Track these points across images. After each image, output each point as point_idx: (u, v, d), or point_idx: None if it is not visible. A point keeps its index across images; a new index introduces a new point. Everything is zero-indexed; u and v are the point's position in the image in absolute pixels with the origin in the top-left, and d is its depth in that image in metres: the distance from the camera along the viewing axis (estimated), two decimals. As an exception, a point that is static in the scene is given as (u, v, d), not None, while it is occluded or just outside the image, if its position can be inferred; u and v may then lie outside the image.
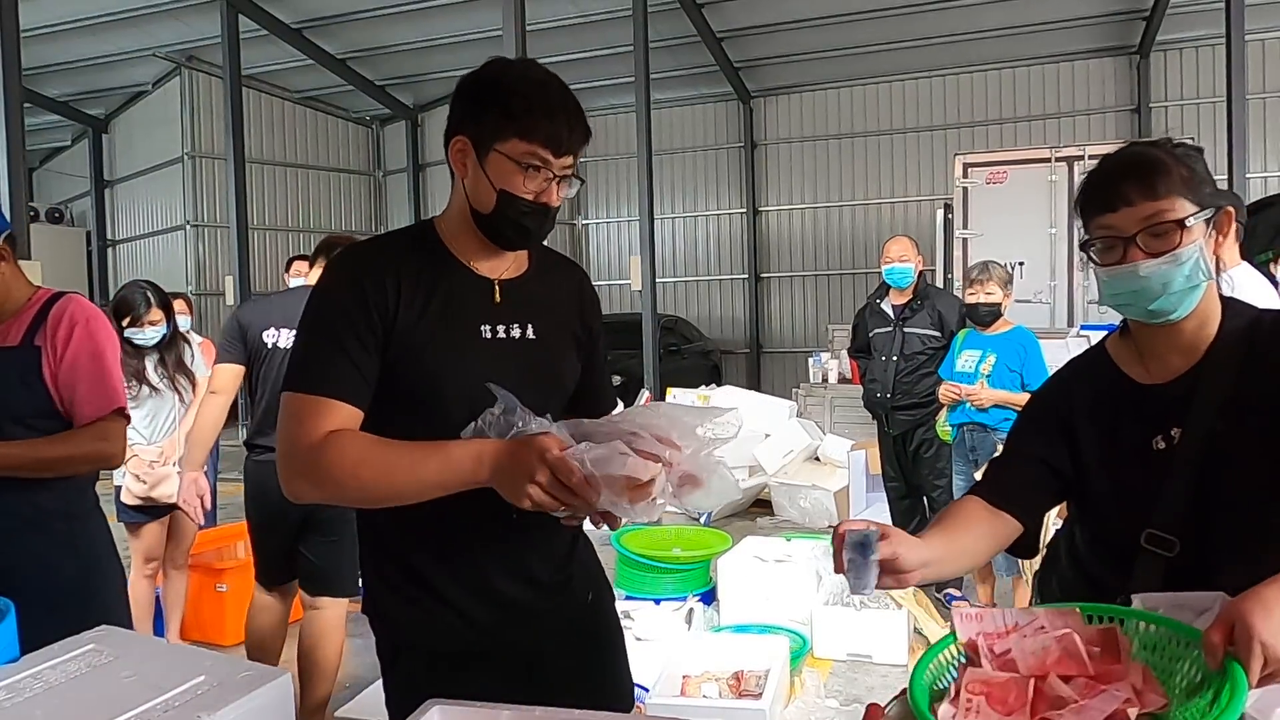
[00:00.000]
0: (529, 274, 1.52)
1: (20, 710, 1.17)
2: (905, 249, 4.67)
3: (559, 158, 1.39)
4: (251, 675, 1.25)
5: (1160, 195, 1.25)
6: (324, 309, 1.39)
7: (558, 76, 1.42)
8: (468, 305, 1.43)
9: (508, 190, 1.38)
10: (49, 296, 2.08)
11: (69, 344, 2.01)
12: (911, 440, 4.72)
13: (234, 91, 11.86)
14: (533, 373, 1.44)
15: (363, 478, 1.29)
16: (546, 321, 1.49)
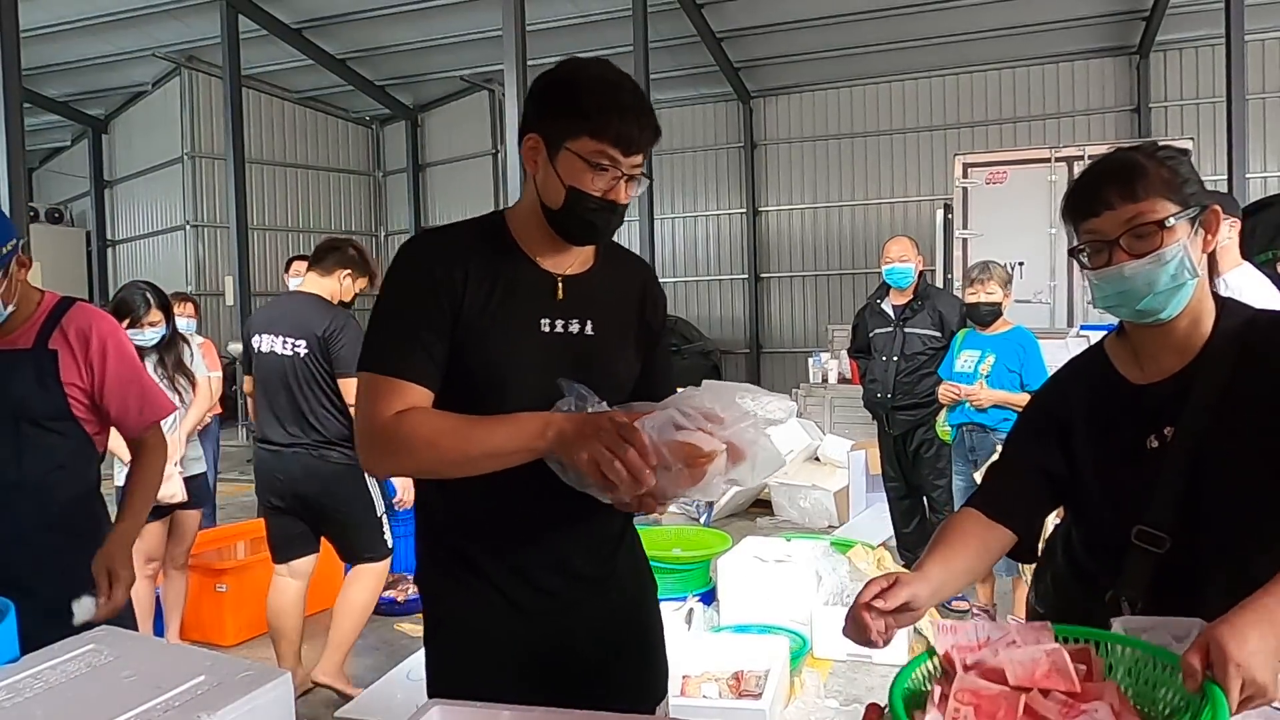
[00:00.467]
0: (593, 270, 1.54)
1: (20, 710, 1.17)
2: (905, 249, 4.66)
3: (628, 156, 1.41)
4: (251, 675, 1.25)
5: (1140, 198, 1.27)
6: (397, 293, 1.45)
7: (630, 78, 1.44)
8: (530, 298, 1.46)
9: (577, 187, 1.41)
10: (56, 300, 2.09)
11: (107, 359, 2.05)
12: (912, 440, 4.72)
13: (234, 91, 11.87)
14: (588, 368, 1.45)
15: (438, 447, 1.35)
16: (606, 318, 1.51)
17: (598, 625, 1.54)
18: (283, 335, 3.44)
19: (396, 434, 1.36)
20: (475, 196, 15.22)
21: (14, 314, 2.01)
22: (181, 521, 4.01)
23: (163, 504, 3.85)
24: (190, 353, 4.12)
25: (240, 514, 6.54)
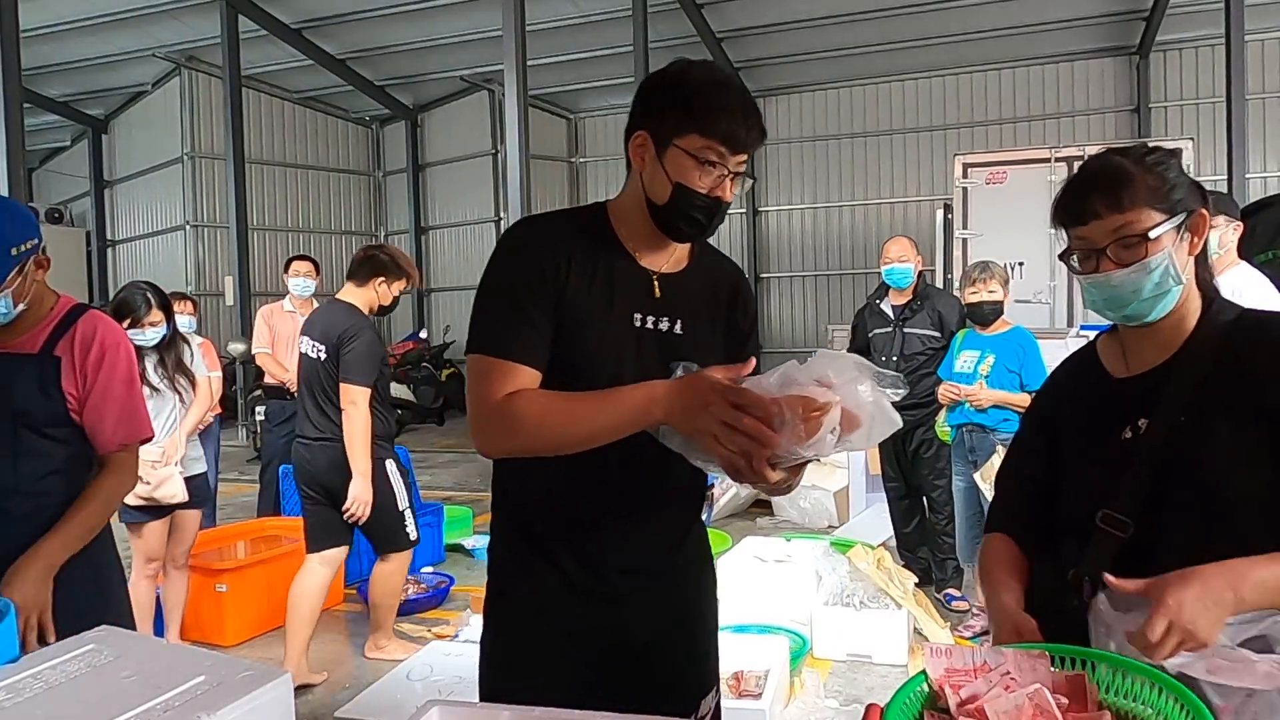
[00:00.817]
0: (687, 270, 1.58)
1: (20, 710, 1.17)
2: (905, 249, 4.67)
3: (734, 154, 1.44)
4: (251, 675, 1.25)
5: (1126, 208, 1.30)
6: (506, 275, 1.48)
7: (738, 77, 1.47)
8: (627, 293, 1.50)
9: (684, 184, 1.44)
10: (70, 307, 2.08)
11: (101, 368, 2.02)
12: (911, 440, 4.73)
13: (234, 91, 11.86)
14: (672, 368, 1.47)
15: (549, 425, 1.38)
16: (697, 318, 1.55)
17: (653, 614, 1.58)
18: (313, 339, 3.77)
19: (508, 414, 1.39)
20: (475, 196, 15.21)
21: (26, 316, 1.99)
22: (182, 521, 4.02)
23: (163, 504, 3.85)
24: (190, 353, 4.12)
25: (240, 514, 6.54)
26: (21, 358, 1.98)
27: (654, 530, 1.57)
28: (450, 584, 4.98)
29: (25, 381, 1.96)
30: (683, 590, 1.64)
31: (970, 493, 4.11)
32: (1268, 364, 1.28)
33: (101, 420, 2.03)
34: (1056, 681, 1.16)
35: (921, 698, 1.18)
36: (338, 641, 4.41)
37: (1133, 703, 1.14)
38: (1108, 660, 1.18)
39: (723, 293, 1.62)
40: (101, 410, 2.02)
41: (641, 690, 1.53)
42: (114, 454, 2.06)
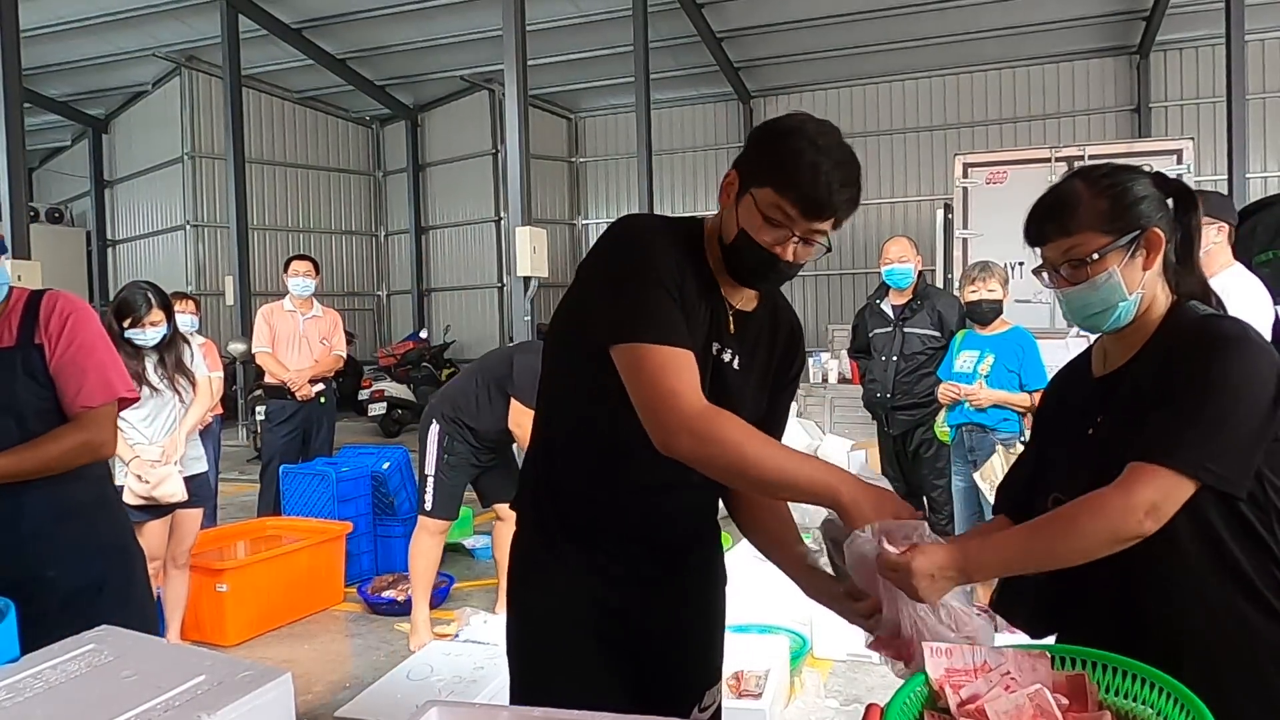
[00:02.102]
0: (756, 310, 1.62)
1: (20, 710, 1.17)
2: (904, 250, 4.67)
3: (808, 219, 1.43)
4: (251, 675, 1.25)
5: (1072, 232, 1.40)
6: (647, 262, 1.45)
7: (849, 150, 1.44)
8: (710, 319, 1.54)
9: (747, 231, 1.46)
10: (29, 295, 2.06)
11: (62, 336, 2.00)
12: (911, 440, 4.72)
13: (234, 91, 11.86)
14: (727, 398, 1.50)
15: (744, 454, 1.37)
16: (753, 358, 1.60)
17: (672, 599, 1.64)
18: None
19: (713, 425, 1.37)
20: (475, 196, 15.22)
21: None
22: (182, 521, 4.01)
23: (163, 503, 3.85)
24: (191, 353, 4.12)
25: (240, 514, 6.54)
26: (1, 352, 1.97)
27: (676, 519, 1.63)
28: (450, 584, 4.98)
29: (12, 374, 1.96)
30: (698, 579, 1.71)
31: (969, 493, 4.11)
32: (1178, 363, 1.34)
33: (67, 384, 2.00)
34: (1057, 681, 1.16)
35: (921, 698, 1.18)
36: (337, 641, 4.42)
37: (1133, 703, 1.14)
38: (1108, 660, 1.18)
39: (781, 338, 1.66)
40: (67, 372, 2.00)
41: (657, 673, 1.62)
42: (83, 410, 2.01)
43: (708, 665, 1.74)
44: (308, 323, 5.90)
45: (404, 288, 16.72)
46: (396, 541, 5.31)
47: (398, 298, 17.00)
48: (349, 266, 16.57)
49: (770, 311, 1.65)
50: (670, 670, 1.64)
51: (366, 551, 5.27)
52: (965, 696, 1.15)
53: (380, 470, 5.34)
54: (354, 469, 5.31)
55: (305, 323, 5.89)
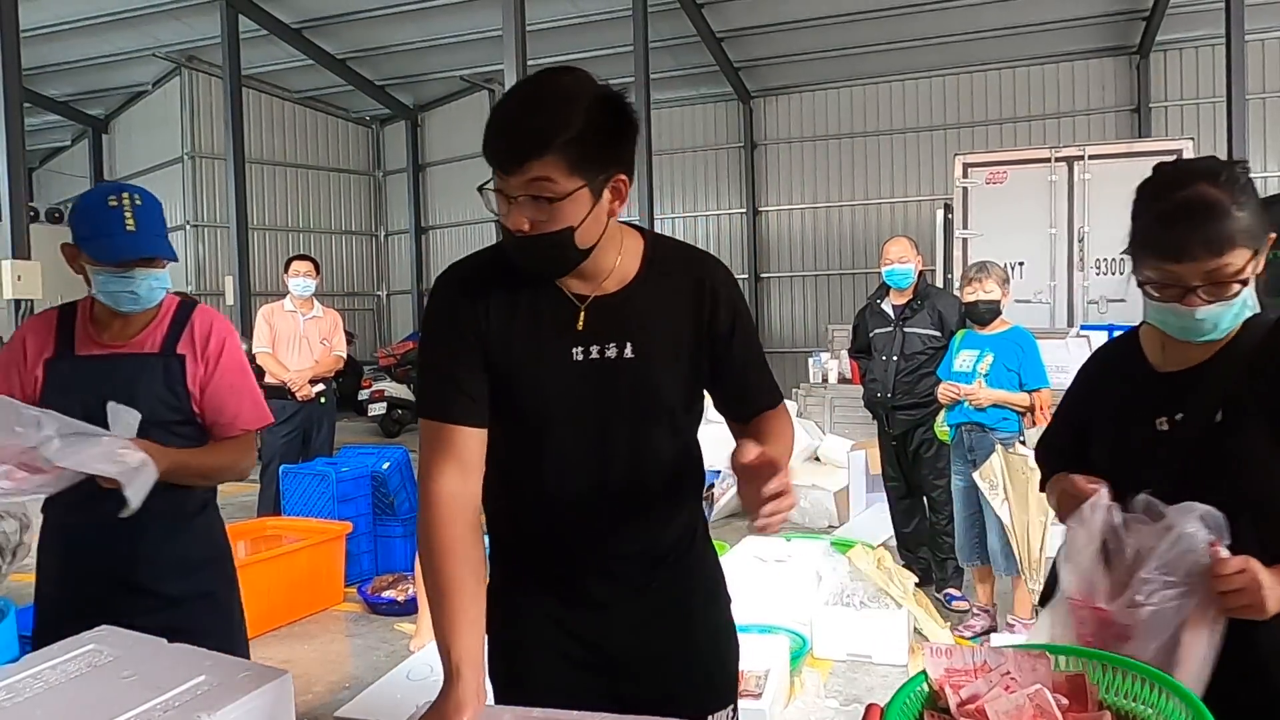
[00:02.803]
0: (632, 287, 1.44)
1: (20, 710, 1.17)
2: (905, 250, 4.67)
3: (507, 175, 1.27)
4: (251, 675, 1.25)
5: (1224, 251, 1.28)
6: (429, 336, 1.46)
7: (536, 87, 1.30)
8: (555, 326, 1.41)
9: (500, 219, 1.33)
10: (178, 304, 2.06)
11: (222, 357, 2.02)
12: (911, 440, 4.72)
13: (234, 91, 11.86)
14: (631, 393, 1.42)
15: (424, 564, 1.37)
16: (647, 336, 1.42)
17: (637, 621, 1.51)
18: None
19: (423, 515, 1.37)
20: (475, 197, 15.02)
21: (142, 318, 1.99)
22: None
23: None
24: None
25: (240, 514, 6.54)
26: (144, 358, 1.97)
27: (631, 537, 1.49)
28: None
29: (152, 381, 1.95)
30: (674, 598, 1.54)
31: (969, 492, 4.11)
32: None
33: (224, 407, 2.02)
34: (1057, 681, 1.16)
35: (921, 698, 1.18)
36: (337, 641, 4.42)
37: (1133, 703, 1.14)
38: (1108, 660, 1.18)
39: (682, 300, 1.45)
40: (224, 398, 2.02)
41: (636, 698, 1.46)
42: (242, 433, 2.06)
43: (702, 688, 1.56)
44: (308, 323, 5.90)
45: (404, 288, 16.73)
46: (396, 541, 5.31)
47: (398, 298, 17.00)
48: (349, 266, 16.58)
49: (660, 276, 1.45)
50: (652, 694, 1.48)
51: (366, 551, 5.27)
52: (965, 696, 1.15)
53: (380, 470, 5.34)
54: (354, 469, 5.31)
55: (305, 323, 5.89)
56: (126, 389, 1.92)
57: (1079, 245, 8.54)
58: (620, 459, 1.44)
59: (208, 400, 2.00)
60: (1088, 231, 8.50)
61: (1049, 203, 8.67)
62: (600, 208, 1.33)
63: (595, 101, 1.28)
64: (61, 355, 1.96)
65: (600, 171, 1.30)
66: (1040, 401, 3.99)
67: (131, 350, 1.97)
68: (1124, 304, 7.76)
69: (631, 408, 1.42)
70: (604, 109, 1.28)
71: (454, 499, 1.37)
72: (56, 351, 1.96)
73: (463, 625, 1.31)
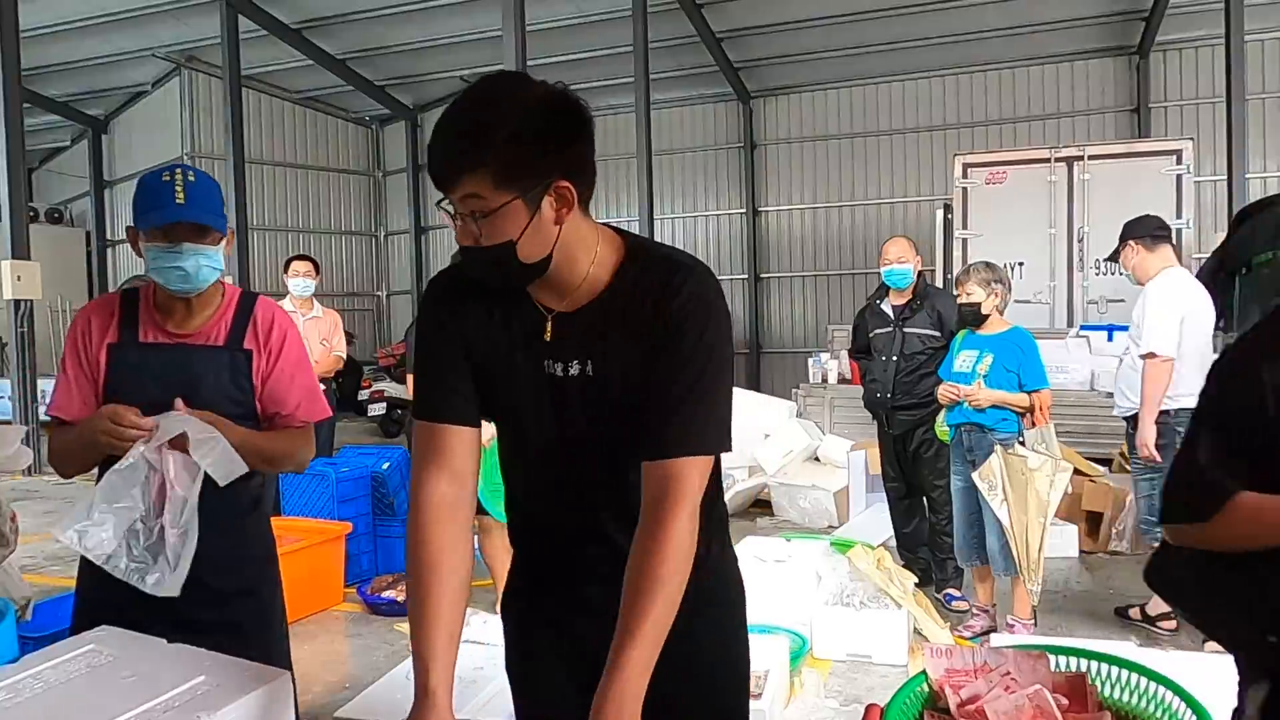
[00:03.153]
0: (595, 304, 1.36)
1: (20, 710, 1.17)
2: (903, 250, 4.67)
3: (448, 190, 1.24)
4: (251, 675, 1.25)
5: None
6: (419, 339, 1.46)
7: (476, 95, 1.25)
8: (527, 338, 1.38)
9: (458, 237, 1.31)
10: (240, 295, 2.06)
11: (284, 349, 2.02)
12: (911, 440, 4.72)
13: (234, 91, 11.86)
14: (599, 415, 1.36)
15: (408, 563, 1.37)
16: (606, 354, 1.35)
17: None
18: None
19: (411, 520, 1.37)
20: (475, 196, 15.20)
21: (206, 301, 1.98)
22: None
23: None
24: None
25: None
26: (211, 350, 1.96)
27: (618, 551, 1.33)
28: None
29: (217, 374, 1.94)
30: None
31: (969, 493, 4.11)
32: None
33: (285, 399, 2.01)
34: (1056, 682, 1.16)
35: (921, 698, 1.18)
36: (338, 641, 4.42)
37: (1133, 703, 1.14)
38: (1108, 660, 1.18)
39: (643, 315, 1.32)
40: (286, 388, 2.01)
41: None
42: (303, 424, 2.06)
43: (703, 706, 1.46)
44: (308, 323, 5.90)
45: (404, 288, 16.72)
46: (396, 542, 5.30)
47: (397, 298, 17.00)
48: (349, 267, 16.58)
49: (625, 291, 1.34)
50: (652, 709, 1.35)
51: (366, 552, 5.27)
52: (965, 697, 1.15)
53: (380, 470, 5.34)
54: (354, 469, 5.31)
55: (305, 323, 5.89)
56: (193, 380, 1.91)
57: (1079, 245, 8.54)
58: (594, 475, 1.40)
59: (268, 392, 2.00)
60: (1088, 231, 8.50)
61: (1049, 203, 8.68)
62: (542, 218, 1.25)
63: (528, 108, 1.22)
64: (125, 340, 1.94)
65: (535, 181, 1.23)
66: (1040, 402, 3.99)
67: (197, 341, 1.96)
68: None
69: (604, 431, 1.37)
70: (539, 114, 1.23)
71: (442, 504, 1.36)
72: (120, 336, 1.94)
73: (439, 644, 1.29)
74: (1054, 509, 3.86)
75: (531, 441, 1.42)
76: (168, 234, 1.85)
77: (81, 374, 1.93)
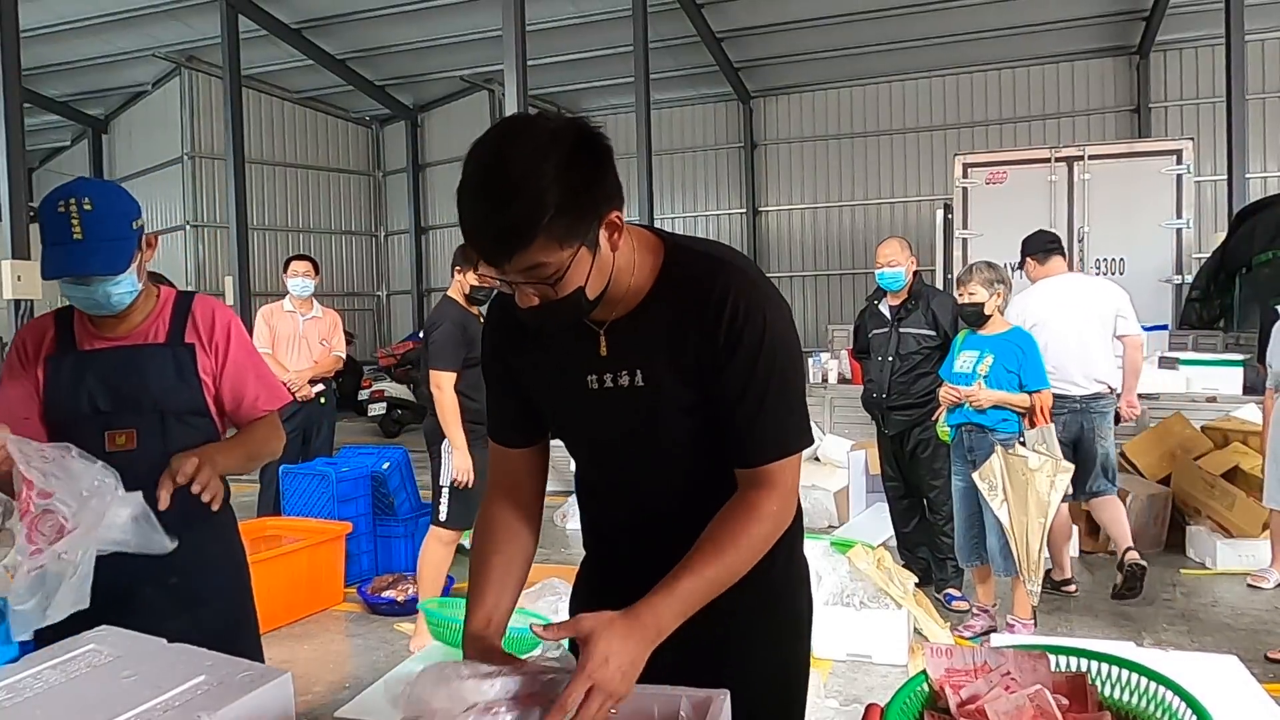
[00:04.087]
0: (639, 309, 1.33)
1: (20, 710, 1.17)
2: (895, 253, 4.67)
3: (502, 271, 1.20)
4: (251, 675, 1.25)
5: None
6: (482, 359, 1.52)
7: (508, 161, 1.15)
8: (575, 353, 1.36)
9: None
10: (176, 295, 2.05)
11: (230, 343, 2.00)
12: (908, 440, 4.73)
13: (234, 91, 11.86)
14: (648, 425, 1.35)
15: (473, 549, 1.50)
16: (654, 361, 1.32)
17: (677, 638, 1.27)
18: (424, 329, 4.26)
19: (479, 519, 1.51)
20: (475, 196, 15.21)
21: (136, 306, 1.95)
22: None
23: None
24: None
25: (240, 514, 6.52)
26: (152, 348, 1.94)
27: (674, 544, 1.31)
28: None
29: (162, 371, 1.93)
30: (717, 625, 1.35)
31: (969, 493, 4.11)
32: None
33: (242, 392, 2.01)
34: (1057, 682, 1.16)
35: (921, 698, 1.18)
36: (337, 641, 4.42)
37: (1133, 703, 1.14)
38: (1108, 660, 1.18)
39: (689, 316, 1.30)
40: (239, 381, 2.00)
41: None
42: (263, 415, 2.05)
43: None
44: (307, 323, 5.90)
45: (404, 288, 16.73)
46: (396, 542, 5.31)
47: (398, 298, 17.00)
48: (349, 266, 16.58)
49: (666, 296, 1.32)
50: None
51: (366, 551, 5.27)
52: (965, 697, 1.15)
53: (380, 470, 5.34)
54: (354, 469, 5.30)
55: (305, 323, 5.89)
56: (137, 377, 1.89)
57: (1079, 245, 8.54)
58: (652, 490, 1.42)
59: (225, 388, 1.99)
60: (1088, 231, 8.51)
61: (1049, 203, 8.68)
62: (601, 254, 1.23)
63: (563, 158, 1.14)
64: (64, 351, 1.93)
65: (591, 226, 1.19)
66: (1040, 402, 3.99)
67: (135, 342, 1.94)
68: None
69: (647, 442, 1.37)
70: (575, 159, 1.16)
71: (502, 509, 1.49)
72: (57, 349, 1.94)
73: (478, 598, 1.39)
74: (1054, 509, 3.86)
75: (587, 458, 1.49)
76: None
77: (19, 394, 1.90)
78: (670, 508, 1.41)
